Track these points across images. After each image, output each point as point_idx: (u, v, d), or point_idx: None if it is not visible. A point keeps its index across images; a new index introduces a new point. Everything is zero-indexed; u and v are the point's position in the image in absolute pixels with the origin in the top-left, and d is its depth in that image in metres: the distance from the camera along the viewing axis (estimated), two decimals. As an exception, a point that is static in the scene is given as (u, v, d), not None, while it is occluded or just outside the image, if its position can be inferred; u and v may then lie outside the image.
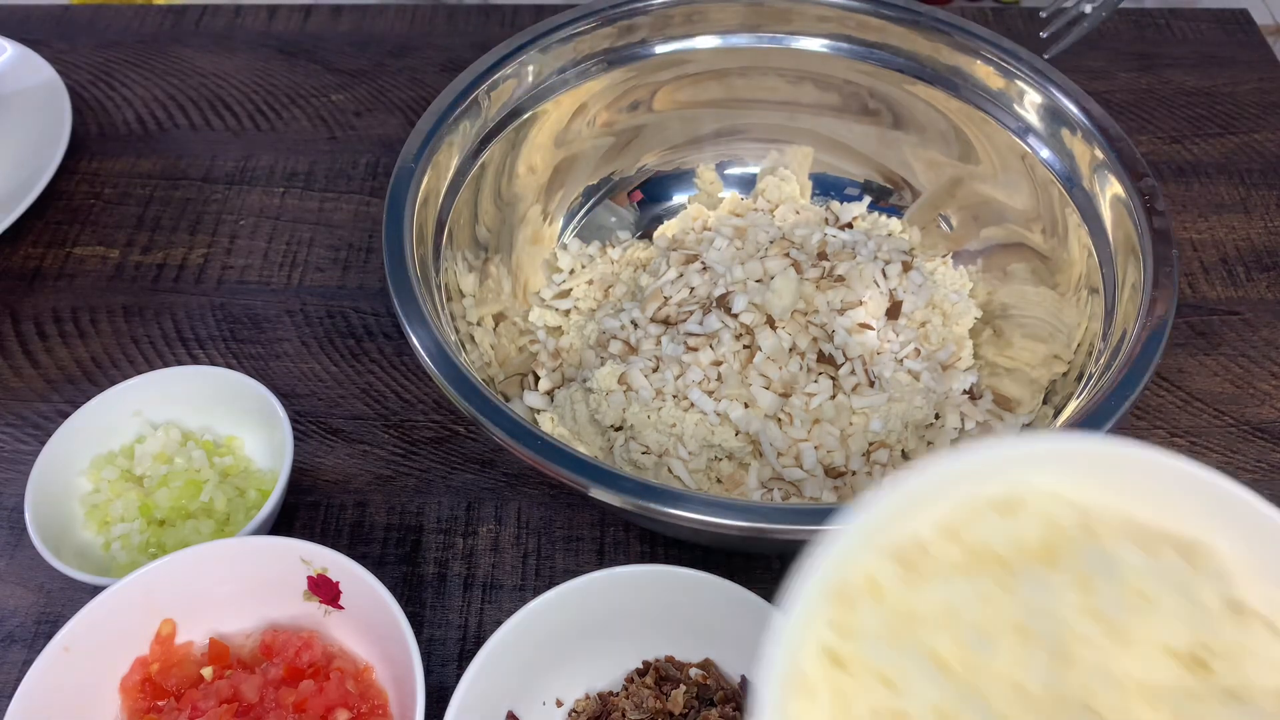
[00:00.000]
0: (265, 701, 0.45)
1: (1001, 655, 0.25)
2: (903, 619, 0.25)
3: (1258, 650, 0.25)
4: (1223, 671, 0.25)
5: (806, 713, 0.25)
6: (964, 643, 0.25)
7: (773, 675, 0.24)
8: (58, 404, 0.63)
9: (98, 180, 0.76)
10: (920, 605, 0.25)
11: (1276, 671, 0.25)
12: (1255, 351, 0.66)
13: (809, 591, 0.25)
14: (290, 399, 0.62)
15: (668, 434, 0.56)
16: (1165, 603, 0.25)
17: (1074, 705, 0.24)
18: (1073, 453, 0.26)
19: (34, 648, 0.52)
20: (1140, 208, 0.53)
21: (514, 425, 0.45)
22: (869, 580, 0.26)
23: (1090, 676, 0.24)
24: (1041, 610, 0.25)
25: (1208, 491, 0.26)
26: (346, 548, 0.54)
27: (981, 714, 0.24)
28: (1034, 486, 0.26)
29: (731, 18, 0.65)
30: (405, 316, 0.49)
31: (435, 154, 0.56)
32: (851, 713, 0.25)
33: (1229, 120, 0.80)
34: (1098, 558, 0.25)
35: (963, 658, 0.25)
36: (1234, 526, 0.26)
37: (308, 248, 0.71)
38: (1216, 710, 0.24)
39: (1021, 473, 0.26)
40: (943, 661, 0.25)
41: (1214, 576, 0.26)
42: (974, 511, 0.26)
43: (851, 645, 0.25)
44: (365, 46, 0.86)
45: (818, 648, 0.25)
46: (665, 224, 0.69)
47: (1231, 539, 0.26)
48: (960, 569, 0.26)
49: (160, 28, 0.88)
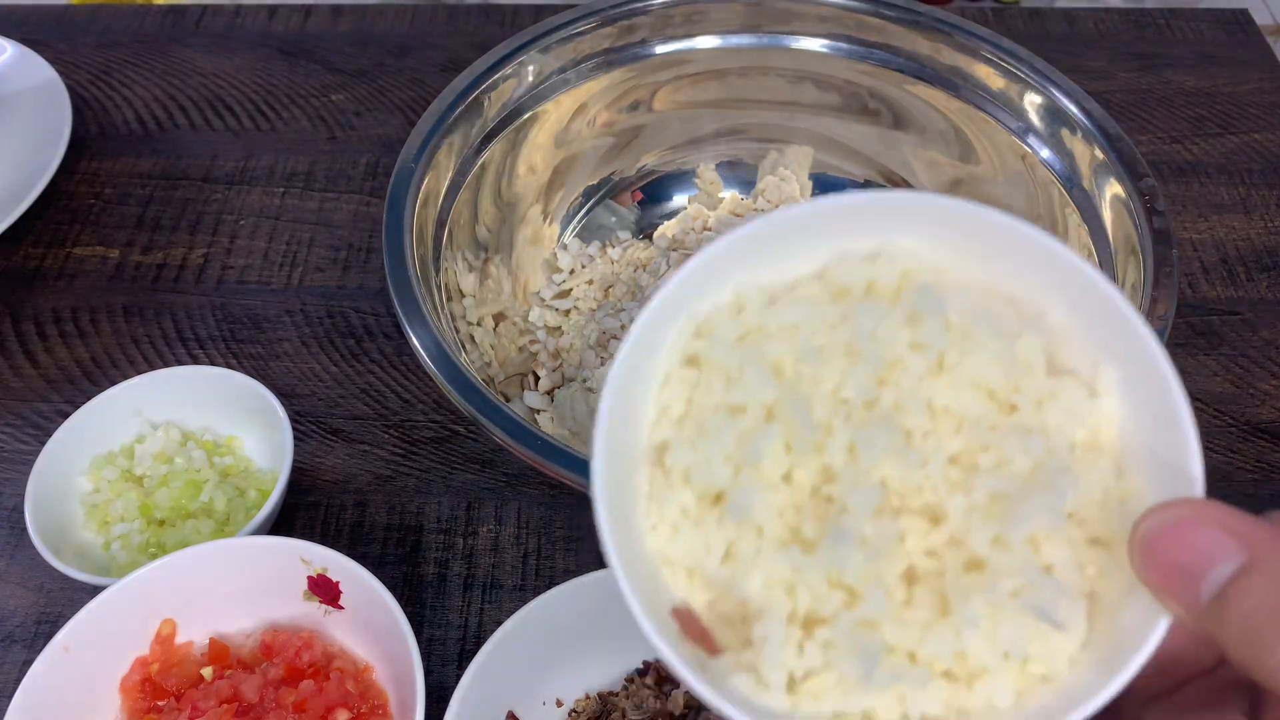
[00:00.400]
0: (265, 701, 0.45)
1: (829, 368, 0.28)
2: (753, 331, 0.29)
3: (1064, 400, 0.27)
4: (1026, 411, 0.27)
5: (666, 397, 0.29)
6: (799, 355, 0.28)
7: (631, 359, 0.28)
8: (58, 404, 0.63)
9: (98, 180, 0.76)
10: (770, 322, 0.29)
11: (1077, 423, 0.27)
12: (1255, 351, 0.66)
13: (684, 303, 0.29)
14: (290, 399, 0.62)
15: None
16: (986, 345, 0.27)
17: (884, 419, 0.27)
18: (936, 208, 0.29)
19: (34, 648, 0.52)
20: (1140, 208, 0.53)
21: (514, 425, 0.45)
22: (736, 299, 0.29)
23: (905, 397, 0.27)
24: (872, 336, 0.28)
25: (1048, 258, 0.28)
26: (346, 548, 0.54)
27: (803, 415, 0.27)
28: (899, 244, 0.29)
29: (731, 18, 0.65)
30: (405, 316, 0.49)
31: (435, 154, 0.56)
32: (697, 402, 0.29)
33: (1229, 120, 0.80)
34: (932, 299, 0.28)
35: (796, 367, 0.28)
36: (1070, 294, 0.28)
37: (308, 248, 0.71)
38: (1011, 440, 0.26)
39: (891, 230, 0.29)
40: (778, 368, 0.28)
41: (1040, 332, 0.28)
42: (845, 259, 0.30)
43: (706, 345, 0.29)
44: (365, 46, 0.86)
45: (680, 351, 0.29)
46: (665, 224, 0.69)
47: (1067, 306, 0.28)
48: (814, 301, 0.29)
49: (160, 28, 0.88)
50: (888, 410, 0.27)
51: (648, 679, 0.48)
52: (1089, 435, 0.27)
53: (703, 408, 0.29)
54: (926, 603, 0.26)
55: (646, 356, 0.29)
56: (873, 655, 0.25)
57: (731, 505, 0.27)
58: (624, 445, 0.28)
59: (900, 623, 0.26)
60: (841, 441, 0.27)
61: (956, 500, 0.26)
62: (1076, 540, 0.26)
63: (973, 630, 0.25)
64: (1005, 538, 0.26)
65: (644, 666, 0.49)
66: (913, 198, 0.29)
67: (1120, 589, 0.26)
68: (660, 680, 0.48)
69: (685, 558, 0.28)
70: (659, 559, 0.28)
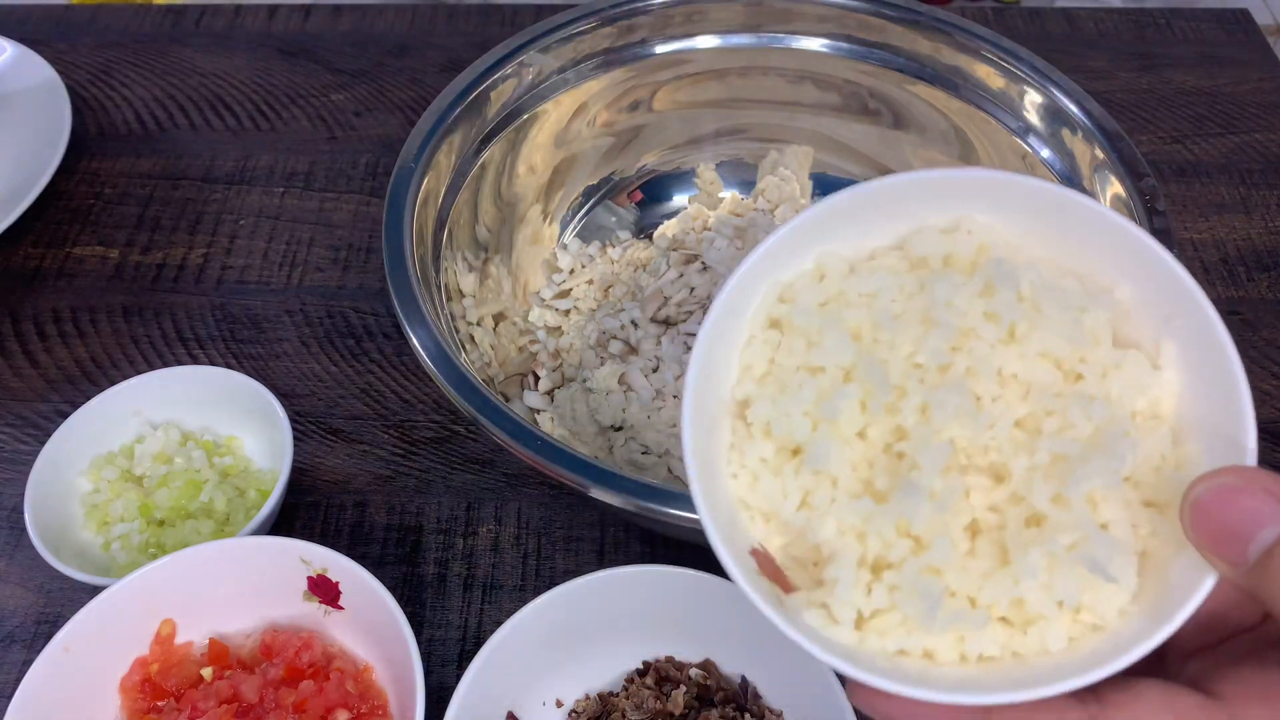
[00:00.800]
0: (265, 702, 0.45)
1: (905, 334, 0.30)
2: (834, 298, 0.31)
3: (1127, 371, 0.29)
4: (1091, 380, 0.29)
5: (749, 356, 0.31)
6: (877, 321, 0.30)
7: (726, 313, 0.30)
8: (58, 404, 0.63)
9: (98, 180, 0.76)
10: (850, 290, 0.31)
11: (1138, 392, 0.29)
12: (1255, 351, 0.65)
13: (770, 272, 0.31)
14: (290, 399, 0.62)
15: (667, 434, 0.56)
16: (1055, 317, 0.29)
17: (956, 383, 0.29)
18: (1013, 185, 0.30)
19: (34, 648, 0.52)
20: (1141, 208, 0.53)
21: (514, 425, 0.45)
22: (818, 268, 0.32)
23: (976, 363, 0.29)
24: (948, 306, 0.30)
25: (1118, 235, 0.29)
26: (346, 548, 0.54)
27: (879, 377, 0.29)
28: (976, 220, 0.31)
29: (731, 18, 0.65)
30: (405, 316, 0.49)
31: (435, 154, 0.56)
32: (779, 362, 0.31)
33: (1229, 120, 0.80)
34: (1006, 272, 0.30)
35: (874, 333, 0.30)
36: (1136, 270, 0.29)
37: (307, 248, 0.71)
38: (1075, 407, 0.28)
39: (968, 206, 0.31)
40: (857, 333, 0.30)
41: (1107, 307, 0.30)
42: (923, 232, 0.31)
43: (788, 310, 0.31)
44: (365, 46, 0.86)
45: (764, 315, 0.31)
46: (665, 224, 0.69)
47: (1133, 282, 0.30)
48: (892, 270, 0.31)
49: (160, 28, 0.88)
50: (959, 375, 0.29)
51: (648, 679, 0.48)
52: (1149, 404, 0.29)
53: (784, 368, 0.31)
54: (988, 554, 0.28)
55: (732, 320, 0.31)
56: (935, 598, 0.27)
57: (809, 456, 0.29)
58: (710, 400, 0.30)
59: (962, 570, 0.28)
60: (915, 403, 0.29)
61: (1020, 460, 0.28)
62: (1132, 501, 0.28)
63: (1030, 580, 0.27)
64: (1065, 496, 0.27)
65: (644, 666, 0.49)
66: (991, 175, 0.30)
67: (1171, 548, 0.27)
68: (660, 680, 0.48)
69: (764, 503, 0.30)
70: (739, 504, 0.30)
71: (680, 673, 0.48)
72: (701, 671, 0.48)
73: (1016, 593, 0.27)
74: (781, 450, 0.30)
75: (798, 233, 0.31)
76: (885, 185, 0.30)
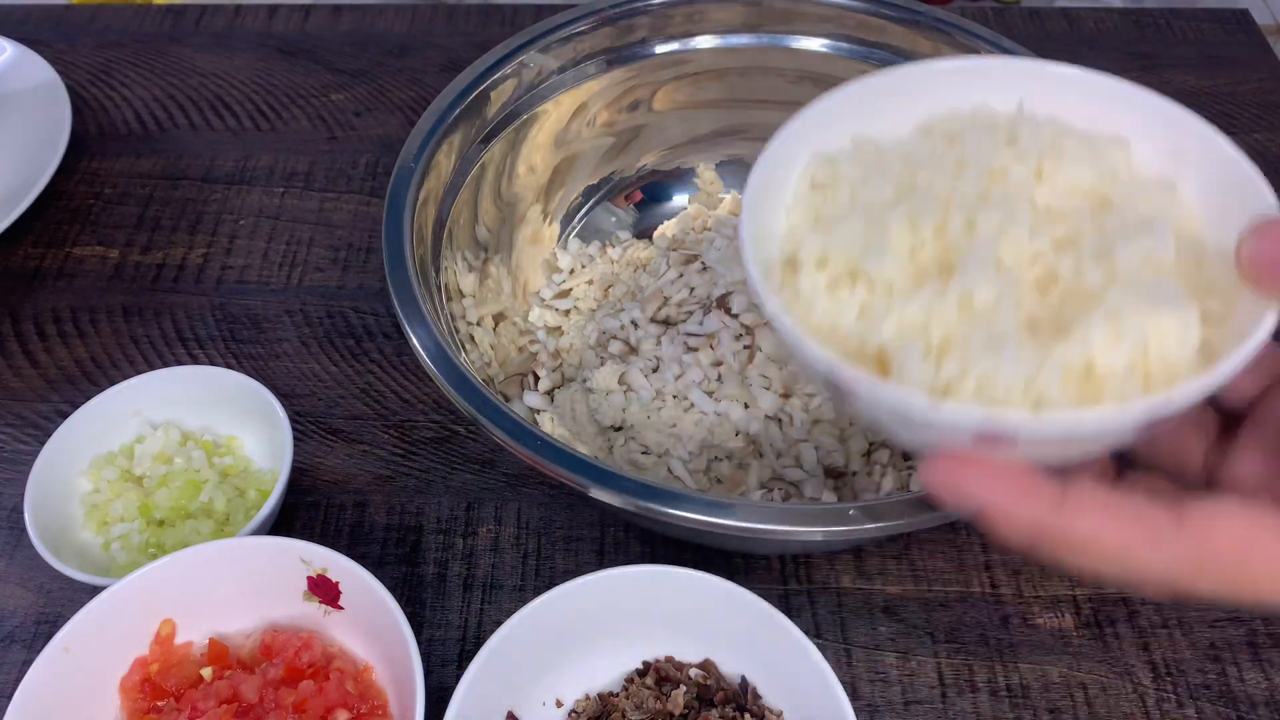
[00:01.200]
0: (265, 702, 0.45)
1: (942, 174, 0.32)
2: (872, 153, 0.34)
3: (1152, 194, 0.32)
4: (1121, 206, 0.32)
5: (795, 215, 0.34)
6: (914, 168, 0.33)
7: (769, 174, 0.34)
8: (58, 404, 0.63)
9: (97, 180, 0.76)
10: (888, 150, 0.34)
11: (1166, 209, 0.32)
12: (1255, 351, 0.65)
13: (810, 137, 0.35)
14: (290, 399, 0.62)
15: (667, 434, 0.56)
16: (1078, 153, 0.32)
17: (994, 207, 0.31)
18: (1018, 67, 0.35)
19: (34, 648, 0.52)
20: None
21: (514, 425, 0.45)
22: (853, 143, 0.35)
23: (1010, 189, 0.32)
24: (979, 151, 0.33)
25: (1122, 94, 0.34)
26: (346, 548, 0.54)
27: (921, 203, 0.31)
28: (994, 102, 0.35)
29: (731, 18, 0.65)
30: (405, 316, 0.49)
31: (435, 154, 0.56)
32: (824, 214, 0.34)
33: (1229, 120, 0.80)
34: (1027, 119, 0.33)
35: (911, 175, 0.33)
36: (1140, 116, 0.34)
37: (307, 248, 0.71)
38: (1110, 218, 0.31)
39: (986, 92, 0.35)
40: (897, 177, 0.33)
41: (1121, 146, 0.33)
42: (950, 114, 0.35)
43: (829, 171, 0.34)
44: (365, 46, 0.86)
45: (808, 178, 0.34)
46: (665, 224, 0.69)
47: (1140, 129, 0.34)
48: (925, 137, 0.35)
49: (160, 28, 0.88)
50: (997, 202, 0.31)
51: (648, 679, 0.48)
52: (1178, 218, 0.32)
53: (830, 217, 0.33)
54: (1049, 331, 0.29)
55: (774, 188, 0.34)
56: (1002, 341, 0.28)
57: (866, 265, 0.31)
58: (760, 258, 0.32)
59: (1031, 331, 0.29)
60: (959, 220, 0.31)
61: (1066, 261, 0.30)
62: (1182, 267, 0.30)
63: (1101, 326, 0.28)
64: (1115, 269, 0.30)
65: (644, 666, 0.49)
66: (999, 62, 0.35)
67: (1226, 307, 0.30)
68: (660, 680, 0.48)
69: (822, 321, 0.31)
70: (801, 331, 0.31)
71: (680, 673, 0.48)
72: (701, 671, 0.48)
73: (1086, 350, 0.28)
74: (835, 280, 0.32)
75: (830, 109, 0.34)
76: (908, 72, 0.35)
